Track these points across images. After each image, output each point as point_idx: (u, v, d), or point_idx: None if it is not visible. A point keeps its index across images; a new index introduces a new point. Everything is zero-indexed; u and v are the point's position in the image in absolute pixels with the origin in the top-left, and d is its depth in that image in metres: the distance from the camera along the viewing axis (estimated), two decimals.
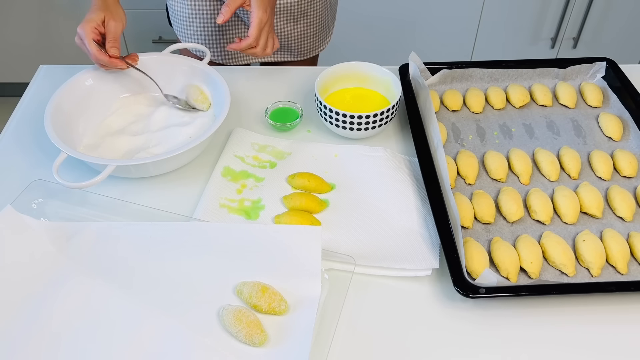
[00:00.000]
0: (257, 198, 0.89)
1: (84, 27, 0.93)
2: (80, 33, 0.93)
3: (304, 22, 1.24)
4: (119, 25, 0.96)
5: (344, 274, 0.78)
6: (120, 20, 0.97)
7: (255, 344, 0.70)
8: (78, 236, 0.81)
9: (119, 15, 0.97)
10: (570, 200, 0.87)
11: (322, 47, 1.33)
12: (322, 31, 1.30)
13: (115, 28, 0.96)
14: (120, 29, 0.97)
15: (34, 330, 0.71)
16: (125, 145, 0.96)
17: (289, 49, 1.26)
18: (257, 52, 1.00)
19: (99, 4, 0.97)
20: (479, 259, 0.79)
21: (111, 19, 0.95)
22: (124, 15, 0.99)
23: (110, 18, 0.95)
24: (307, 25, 1.25)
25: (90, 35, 0.93)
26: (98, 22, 0.95)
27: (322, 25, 1.28)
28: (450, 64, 1.08)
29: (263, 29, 0.99)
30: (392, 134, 1.01)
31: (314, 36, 1.28)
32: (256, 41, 0.99)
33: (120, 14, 0.98)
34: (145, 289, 0.76)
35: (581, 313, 0.76)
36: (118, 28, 0.96)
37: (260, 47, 1.00)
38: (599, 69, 1.09)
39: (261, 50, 1.00)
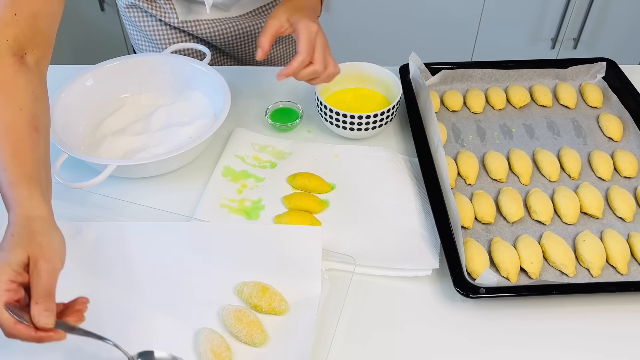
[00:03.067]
0: (257, 198, 0.89)
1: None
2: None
3: (289, 43, 1.24)
4: (56, 270, 0.59)
5: (344, 274, 0.78)
6: (59, 259, 0.60)
7: (255, 344, 0.70)
8: (78, 236, 0.81)
9: (53, 250, 0.59)
10: (570, 201, 0.87)
11: None
12: None
13: (50, 276, 0.57)
14: (58, 274, 0.59)
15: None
16: (125, 145, 0.96)
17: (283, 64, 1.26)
18: (317, 69, 0.82)
19: (20, 231, 0.59)
20: (479, 259, 0.79)
21: (42, 260, 0.57)
22: (63, 247, 0.61)
23: (39, 257, 0.57)
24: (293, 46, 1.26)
25: (4, 296, 0.56)
26: (18, 270, 0.57)
27: None
28: (451, 64, 1.08)
29: (316, 41, 0.82)
30: (393, 134, 1.01)
31: None
32: (310, 56, 0.82)
33: (55, 246, 0.60)
34: (145, 288, 0.76)
35: (581, 313, 0.76)
36: (55, 274, 0.58)
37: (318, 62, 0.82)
38: (599, 69, 1.09)
39: (321, 67, 0.82)
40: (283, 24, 0.85)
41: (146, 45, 1.18)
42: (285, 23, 0.85)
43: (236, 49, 1.18)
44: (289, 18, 0.86)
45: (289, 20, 0.85)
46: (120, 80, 1.02)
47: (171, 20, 1.11)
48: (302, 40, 0.82)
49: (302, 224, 0.83)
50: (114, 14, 2.13)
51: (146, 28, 1.14)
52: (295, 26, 0.84)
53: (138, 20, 1.14)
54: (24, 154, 0.64)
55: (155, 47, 1.17)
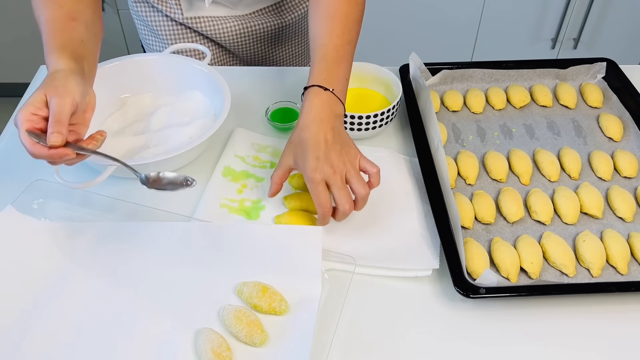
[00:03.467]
0: (257, 198, 0.89)
1: (18, 115, 0.71)
2: (15, 123, 0.72)
3: (293, 44, 1.24)
4: (65, 102, 0.71)
5: (344, 274, 0.78)
6: (69, 94, 0.72)
7: (255, 344, 0.70)
8: (79, 236, 0.81)
9: (67, 89, 0.73)
10: (570, 201, 0.87)
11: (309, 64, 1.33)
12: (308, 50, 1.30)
13: (59, 106, 0.71)
14: (69, 106, 0.72)
15: (34, 330, 0.71)
16: (125, 145, 0.96)
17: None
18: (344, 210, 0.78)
19: (43, 83, 0.74)
20: (479, 259, 0.79)
21: (55, 96, 0.71)
22: (77, 88, 0.74)
23: (53, 95, 0.72)
24: (296, 46, 1.25)
25: (25, 125, 0.71)
26: (37, 105, 0.72)
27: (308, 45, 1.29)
28: (451, 64, 1.08)
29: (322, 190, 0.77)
30: (393, 134, 1.01)
31: (304, 55, 1.29)
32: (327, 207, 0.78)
33: (69, 86, 0.73)
34: (145, 288, 0.76)
35: (581, 313, 0.76)
36: (64, 105, 0.71)
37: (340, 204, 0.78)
38: (600, 69, 1.09)
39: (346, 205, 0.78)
40: (292, 167, 0.82)
41: (154, 41, 1.19)
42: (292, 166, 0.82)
43: (241, 48, 1.18)
44: (295, 161, 0.81)
45: (296, 163, 0.81)
46: (120, 80, 1.02)
47: (176, 16, 1.11)
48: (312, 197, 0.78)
49: (302, 224, 0.83)
50: (114, 14, 2.13)
51: (153, 23, 1.15)
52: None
53: (145, 16, 1.15)
54: (59, 33, 0.81)
55: (162, 43, 1.17)
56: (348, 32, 0.87)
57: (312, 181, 0.77)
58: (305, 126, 0.80)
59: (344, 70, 0.86)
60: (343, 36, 0.87)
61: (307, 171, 0.77)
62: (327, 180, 0.77)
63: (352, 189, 0.79)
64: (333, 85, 0.83)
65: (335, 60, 0.85)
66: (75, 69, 0.77)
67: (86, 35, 0.83)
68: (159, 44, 1.18)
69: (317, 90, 0.83)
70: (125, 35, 2.19)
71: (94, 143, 0.75)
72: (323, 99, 0.82)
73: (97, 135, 0.76)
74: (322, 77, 0.84)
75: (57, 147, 0.70)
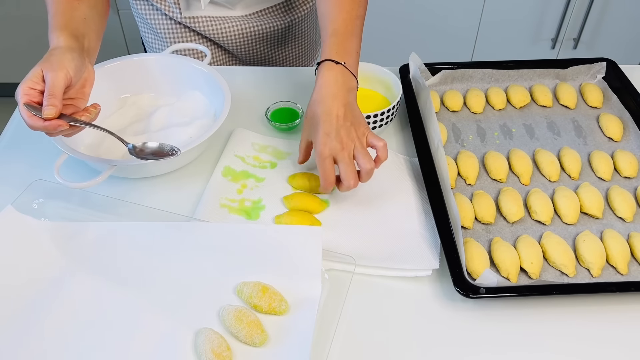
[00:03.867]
0: (257, 198, 0.89)
1: (17, 90, 0.76)
2: (16, 97, 0.76)
3: (293, 45, 1.24)
4: (59, 76, 0.75)
5: (344, 274, 0.78)
6: (63, 68, 0.76)
7: (255, 344, 0.70)
8: (79, 236, 0.81)
9: (62, 64, 0.76)
10: (570, 201, 0.87)
11: (312, 64, 1.33)
12: (310, 51, 1.30)
13: (53, 80, 0.75)
14: (62, 80, 0.75)
15: (33, 330, 0.71)
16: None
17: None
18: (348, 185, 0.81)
19: (44, 57, 0.78)
20: (479, 259, 0.79)
21: (49, 70, 0.75)
22: (72, 63, 0.78)
23: (48, 69, 0.75)
24: (296, 47, 1.25)
25: (23, 99, 0.75)
26: (34, 80, 0.76)
27: (311, 44, 1.29)
28: (451, 64, 1.08)
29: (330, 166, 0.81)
30: (393, 134, 1.01)
31: (303, 56, 1.29)
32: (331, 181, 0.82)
33: (65, 61, 0.77)
34: (145, 288, 0.76)
35: (581, 313, 0.76)
36: (58, 79, 0.75)
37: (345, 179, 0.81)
38: (600, 69, 1.09)
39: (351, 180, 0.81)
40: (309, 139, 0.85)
41: (154, 40, 1.19)
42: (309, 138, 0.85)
43: (240, 49, 1.18)
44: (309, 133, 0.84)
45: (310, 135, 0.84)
46: (120, 80, 1.02)
47: (175, 15, 1.12)
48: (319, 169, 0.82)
49: (302, 224, 0.83)
50: (114, 13, 2.13)
51: (152, 22, 1.15)
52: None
53: (145, 14, 1.15)
54: (62, 13, 0.85)
55: (161, 42, 1.17)
56: (356, 8, 0.90)
57: (320, 155, 0.81)
58: (319, 101, 0.83)
59: (354, 44, 0.88)
60: (351, 11, 0.89)
61: (317, 145, 0.81)
62: (335, 156, 0.81)
63: (358, 163, 0.82)
64: (345, 58, 0.85)
65: (345, 35, 0.88)
66: (73, 46, 0.81)
67: (89, 13, 0.88)
68: (159, 43, 1.18)
69: (329, 65, 0.85)
70: (125, 35, 2.19)
71: (86, 115, 0.79)
72: (336, 72, 0.84)
73: (90, 107, 0.80)
74: (334, 51, 0.86)
75: (51, 119, 0.74)
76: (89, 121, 0.79)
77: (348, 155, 0.81)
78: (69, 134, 0.80)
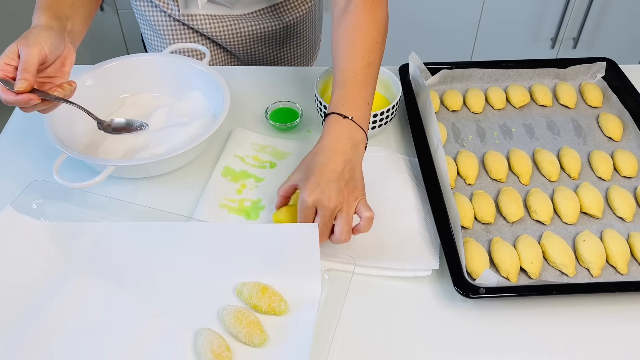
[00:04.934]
0: (257, 198, 0.89)
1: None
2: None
3: (292, 45, 1.24)
4: (32, 51, 0.76)
5: (344, 274, 0.78)
6: (38, 44, 0.77)
7: (255, 344, 0.70)
8: (78, 236, 0.81)
9: (37, 40, 0.77)
10: (570, 201, 0.87)
11: (310, 64, 1.33)
12: (309, 51, 1.30)
13: (26, 55, 0.76)
14: (36, 56, 0.76)
15: (33, 330, 0.71)
16: (125, 145, 0.96)
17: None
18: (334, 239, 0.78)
19: (24, 34, 0.80)
20: (479, 259, 0.79)
21: (24, 47, 0.77)
22: (48, 40, 0.79)
23: (23, 45, 0.77)
24: (295, 47, 1.25)
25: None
26: (10, 56, 0.77)
27: (310, 45, 1.29)
28: (450, 64, 1.08)
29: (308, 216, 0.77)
30: (392, 134, 1.01)
31: (302, 56, 1.28)
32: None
33: (40, 38, 0.78)
34: (145, 289, 0.76)
35: (581, 313, 0.76)
36: (31, 54, 0.76)
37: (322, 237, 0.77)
38: (599, 69, 1.09)
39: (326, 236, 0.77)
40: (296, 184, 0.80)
41: (154, 38, 1.19)
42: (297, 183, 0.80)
43: (239, 48, 1.18)
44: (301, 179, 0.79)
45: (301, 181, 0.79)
46: (120, 80, 1.02)
47: (174, 13, 1.12)
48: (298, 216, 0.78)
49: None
50: (114, 14, 2.13)
51: (152, 20, 1.15)
52: None
53: (145, 12, 1.15)
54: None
55: (161, 40, 1.17)
56: (368, 55, 0.84)
57: (304, 203, 0.76)
58: (320, 151, 0.79)
59: (364, 95, 0.83)
60: (363, 59, 0.84)
61: (303, 191, 0.76)
62: (318, 209, 0.76)
63: (334, 228, 0.77)
64: (352, 112, 0.81)
65: (354, 85, 0.83)
66: (53, 25, 0.82)
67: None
68: (159, 41, 1.18)
69: (335, 118, 0.81)
70: (124, 35, 2.19)
71: (59, 90, 0.80)
72: (341, 126, 0.80)
73: (65, 84, 0.81)
74: (341, 103, 0.82)
75: (22, 92, 0.75)
76: (62, 97, 0.80)
77: (330, 214, 0.75)
78: (44, 109, 0.81)
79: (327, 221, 0.76)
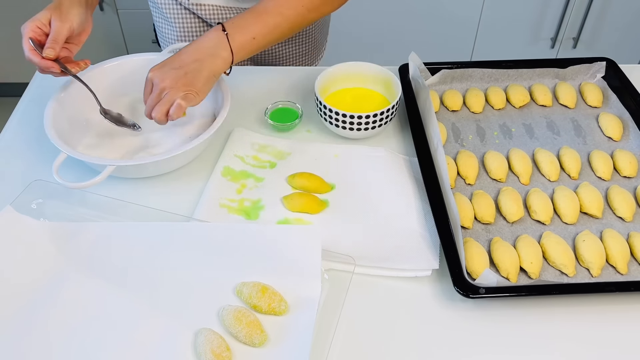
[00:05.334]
0: (257, 198, 0.89)
1: (24, 25, 0.86)
2: (22, 30, 0.86)
3: (297, 42, 1.24)
4: (64, 26, 0.87)
5: (344, 274, 0.78)
6: (69, 21, 0.88)
7: (255, 344, 0.70)
8: (78, 236, 0.81)
9: (68, 16, 0.88)
10: (570, 200, 0.87)
11: (315, 64, 1.33)
12: (315, 49, 1.29)
13: (59, 28, 0.86)
14: (66, 31, 0.87)
15: (33, 330, 0.71)
16: (125, 145, 0.96)
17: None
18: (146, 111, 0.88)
19: (51, 5, 0.89)
20: (479, 259, 0.79)
21: (57, 20, 0.87)
22: (77, 18, 0.89)
23: (56, 18, 0.87)
24: (300, 45, 1.25)
25: (29, 34, 0.86)
26: (43, 21, 0.87)
27: (315, 43, 1.28)
28: (450, 64, 1.08)
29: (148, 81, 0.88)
30: (392, 134, 1.01)
31: (306, 54, 1.28)
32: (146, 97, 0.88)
33: (71, 15, 0.88)
34: (144, 289, 0.76)
35: (581, 313, 0.76)
36: (62, 29, 0.87)
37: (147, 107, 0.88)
38: (599, 69, 1.09)
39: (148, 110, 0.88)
40: None
41: (165, 27, 1.19)
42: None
43: None
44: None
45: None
46: (119, 80, 1.02)
47: (184, 1, 1.12)
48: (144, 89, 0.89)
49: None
50: (114, 14, 2.13)
51: (164, 7, 1.15)
52: None
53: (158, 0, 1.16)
54: None
55: (173, 30, 1.18)
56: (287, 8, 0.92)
57: (147, 77, 0.87)
58: (187, 47, 0.89)
59: (255, 29, 0.90)
60: (278, 8, 0.91)
61: (152, 68, 0.87)
62: (153, 84, 0.86)
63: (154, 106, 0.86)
64: (234, 31, 0.89)
65: (254, 16, 0.90)
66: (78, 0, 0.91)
67: None
68: (170, 30, 1.18)
69: (217, 27, 0.89)
70: (124, 35, 2.19)
71: (76, 68, 0.91)
72: (215, 36, 0.89)
73: (81, 62, 0.92)
74: (233, 21, 0.90)
75: (48, 59, 0.86)
76: (76, 73, 0.91)
77: (159, 92, 0.85)
78: (57, 76, 0.90)
79: (155, 97, 0.86)
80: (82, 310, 0.74)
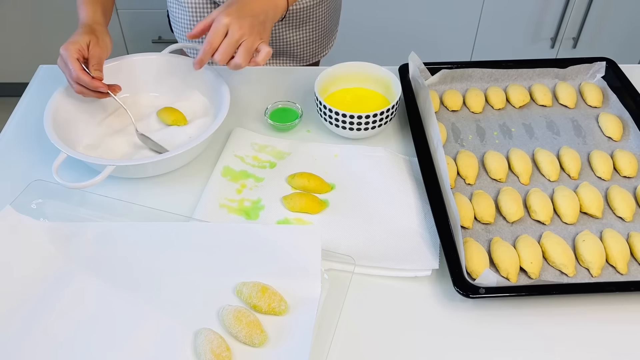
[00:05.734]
0: (256, 198, 0.89)
1: (67, 48, 0.90)
2: (63, 54, 0.90)
3: (307, 28, 1.23)
4: (103, 53, 0.93)
5: (344, 274, 0.78)
6: (106, 47, 0.95)
7: (255, 344, 0.70)
8: (78, 236, 0.81)
9: (105, 42, 0.95)
10: (570, 200, 0.87)
11: (325, 52, 1.32)
12: (325, 37, 1.29)
13: (99, 54, 0.93)
14: (105, 57, 0.94)
15: (33, 330, 0.71)
16: (125, 145, 0.96)
17: (290, 54, 1.26)
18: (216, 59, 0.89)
19: (86, 29, 0.94)
20: (479, 259, 0.79)
21: (96, 45, 0.93)
22: (110, 44, 0.96)
23: (95, 44, 0.93)
24: (310, 31, 1.24)
25: (75, 55, 0.90)
26: (83, 45, 0.91)
27: (325, 31, 1.28)
28: (450, 64, 1.08)
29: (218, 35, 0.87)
30: (392, 134, 1.01)
31: (317, 42, 1.28)
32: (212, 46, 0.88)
33: (106, 41, 0.95)
34: (144, 289, 0.76)
35: (581, 313, 0.76)
36: (102, 54, 0.93)
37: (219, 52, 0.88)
38: (599, 68, 1.09)
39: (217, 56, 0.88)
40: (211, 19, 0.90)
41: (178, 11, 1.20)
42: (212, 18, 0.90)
43: None
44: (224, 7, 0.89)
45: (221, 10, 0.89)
46: (119, 80, 1.02)
47: None
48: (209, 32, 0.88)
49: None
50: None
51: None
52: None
53: None
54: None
55: (185, 13, 1.18)
56: None
57: (220, 21, 0.86)
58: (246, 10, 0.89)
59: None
60: None
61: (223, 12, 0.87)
62: (229, 31, 0.86)
63: (236, 54, 0.87)
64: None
65: None
66: (104, 25, 0.99)
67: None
68: (183, 14, 1.19)
69: None
70: (124, 35, 2.19)
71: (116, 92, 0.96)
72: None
73: (116, 87, 0.96)
74: None
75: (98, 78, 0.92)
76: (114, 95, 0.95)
77: (237, 39, 0.86)
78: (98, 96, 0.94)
79: (232, 43, 0.87)
80: (82, 310, 0.74)
